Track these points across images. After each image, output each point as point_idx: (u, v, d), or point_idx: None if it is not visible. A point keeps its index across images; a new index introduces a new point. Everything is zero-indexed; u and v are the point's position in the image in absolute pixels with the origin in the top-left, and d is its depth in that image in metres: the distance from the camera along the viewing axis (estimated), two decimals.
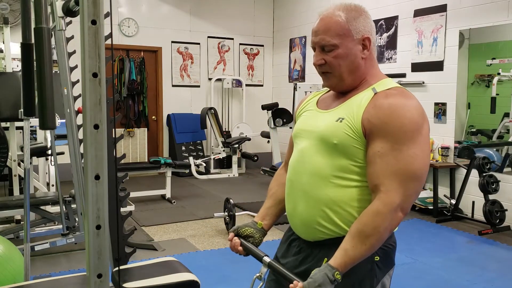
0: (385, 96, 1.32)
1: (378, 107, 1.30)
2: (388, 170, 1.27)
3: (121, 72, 7.60)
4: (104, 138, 0.96)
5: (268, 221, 1.59)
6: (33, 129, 5.03)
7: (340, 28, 1.36)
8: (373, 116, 1.30)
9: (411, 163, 1.27)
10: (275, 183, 1.66)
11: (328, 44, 1.36)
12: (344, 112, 1.36)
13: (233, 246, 1.53)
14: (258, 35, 8.60)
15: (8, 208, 3.94)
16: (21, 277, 2.72)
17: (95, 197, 0.96)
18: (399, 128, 1.27)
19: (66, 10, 2.40)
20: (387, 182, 1.26)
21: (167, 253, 4.04)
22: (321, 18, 1.39)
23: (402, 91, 1.35)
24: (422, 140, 1.29)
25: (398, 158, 1.26)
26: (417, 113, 1.29)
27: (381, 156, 1.28)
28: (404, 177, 1.26)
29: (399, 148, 1.26)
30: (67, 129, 2.88)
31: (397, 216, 1.27)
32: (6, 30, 4.94)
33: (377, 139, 1.29)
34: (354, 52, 1.38)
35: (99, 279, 0.99)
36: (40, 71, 1.83)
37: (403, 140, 1.27)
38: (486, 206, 4.72)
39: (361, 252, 1.27)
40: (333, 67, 1.38)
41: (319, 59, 1.39)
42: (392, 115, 1.28)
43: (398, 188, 1.26)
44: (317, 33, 1.39)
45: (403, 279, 3.54)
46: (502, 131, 5.25)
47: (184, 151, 7.86)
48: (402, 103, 1.30)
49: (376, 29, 6.32)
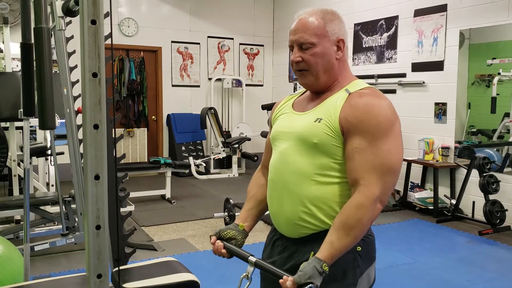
0: (359, 96, 1.40)
1: (354, 106, 1.38)
2: (366, 165, 1.34)
3: (121, 72, 7.60)
4: (104, 138, 0.96)
5: (250, 222, 1.62)
6: (33, 129, 5.02)
7: (318, 28, 1.43)
8: (350, 115, 1.37)
9: (388, 157, 1.36)
10: (254, 185, 1.70)
11: (306, 42, 1.43)
12: (321, 113, 1.43)
13: (216, 249, 1.55)
14: (258, 35, 8.60)
15: (8, 208, 3.94)
16: (21, 277, 2.71)
17: (95, 197, 0.96)
18: (375, 125, 1.35)
19: (65, 10, 2.40)
20: (367, 176, 1.34)
21: (167, 253, 4.03)
22: (300, 19, 1.46)
23: (374, 91, 1.43)
24: (395, 136, 1.38)
25: (375, 153, 1.34)
26: (390, 111, 1.39)
27: (359, 152, 1.35)
28: (382, 171, 1.35)
29: (376, 144, 1.35)
30: (67, 129, 2.87)
31: (377, 207, 1.34)
32: (5, 30, 4.94)
33: (355, 136, 1.36)
34: (330, 52, 1.45)
35: (99, 279, 0.99)
36: (40, 71, 1.83)
37: (379, 136, 1.35)
38: (487, 206, 4.72)
39: (346, 244, 1.33)
40: (310, 65, 1.44)
41: (297, 56, 1.45)
42: (368, 114, 1.36)
43: (377, 181, 1.33)
44: (296, 32, 1.45)
45: (403, 279, 3.54)
46: (502, 131, 5.25)
47: (184, 151, 7.85)
48: (376, 102, 1.38)
49: (376, 29, 6.35)
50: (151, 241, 4.39)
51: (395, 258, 3.98)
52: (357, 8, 6.68)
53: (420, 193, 5.52)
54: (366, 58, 6.56)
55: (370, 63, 6.50)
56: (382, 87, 6.29)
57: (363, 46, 6.59)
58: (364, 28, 6.56)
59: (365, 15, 6.55)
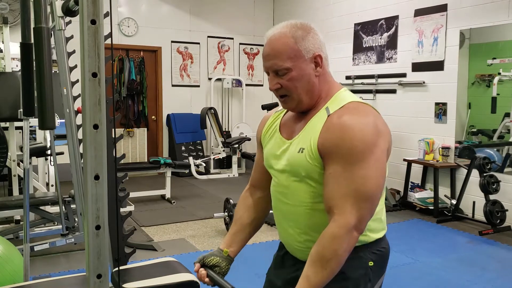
0: (337, 117, 1.32)
1: (331, 130, 1.31)
2: (340, 191, 1.27)
3: (120, 72, 7.60)
4: (104, 138, 0.96)
5: (235, 248, 1.57)
6: (33, 129, 5.02)
7: (290, 50, 1.34)
8: (326, 140, 1.31)
9: (363, 184, 1.27)
10: (241, 207, 1.64)
11: (281, 68, 1.35)
12: (303, 141, 1.37)
13: (199, 277, 1.53)
14: (258, 35, 8.59)
15: (8, 208, 3.93)
16: (21, 277, 2.71)
17: (95, 197, 0.96)
18: (349, 149, 1.27)
19: (65, 9, 2.39)
20: (341, 203, 1.27)
21: (166, 253, 4.03)
22: (270, 42, 1.37)
23: (355, 108, 1.33)
24: (374, 160, 1.28)
25: (349, 179, 1.27)
26: (370, 132, 1.28)
27: (333, 178, 1.29)
28: (357, 198, 1.26)
29: (350, 169, 1.27)
30: (67, 129, 2.87)
31: (352, 236, 1.27)
32: (5, 30, 4.93)
33: (330, 161, 1.30)
34: (308, 72, 1.37)
35: (98, 280, 0.99)
36: (40, 71, 1.82)
37: (354, 161, 1.27)
38: (487, 206, 4.72)
39: (323, 277, 1.28)
40: (289, 90, 1.37)
41: (275, 83, 1.37)
42: (343, 137, 1.28)
43: (351, 210, 1.26)
44: (268, 58, 1.37)
45: (403, 279, 3.53)
46: (502, 131, 5.25)
47: (184, 151, 7.85)
48: (353, 123, 1.28)
49: (376, 29, 6.35)
50: (151, 241, 4.39)
51: (395, 258, 3.97)
52: (357, 8, 6.67)
53: (420, 193, 5.52)
54: (366, 58, 6.56)
55: (370, 63, 6.50)
56: (382, 87, 6.29)
57: (363, 46, 6.59)
58: (364, 28, 6.56)
59: (365, 15, 6.54)
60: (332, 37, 7.12)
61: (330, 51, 7.12)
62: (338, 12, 7.03)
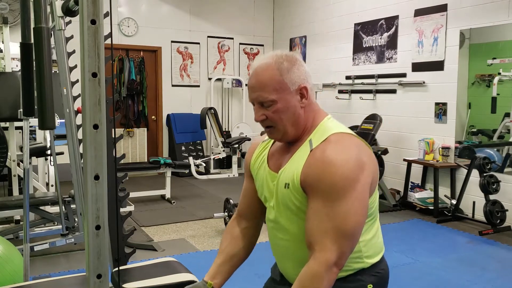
0: (320, 152, 1.31)
1: (313, 165, 1.31)
2: (321, 228, 1.27)
3: (120, 72, 7.60)
4: (104, 138, 0.96)
5: (219, 279, 1.55)
6: (33, 129, 5.02)
7: (275, 82, 1.34)
8: (308, 176, 1.31)
9: (344, 221, 1.26)
10: (227, 237, 1.63)
11: (266, 100, 1.35)
12: (288, 176, 1.37)
13: None
14: (258, 35, 8.59)
15: (8, 208, 3.93)
16: (21, 277, 2.71)
17: (95, 197, 0.96)
18: (330, 185, 1.26)
19: (65, 9, 2.39)
20: (321, 240, 1.27)
21: (166, 253, 4.03)
22: (255, 73, 1.37)
23: (338, 141, 1.33)
24: (355, 196, 1.27)
25: (330, 216, 1.26)
26: (351, 167, 1.27)
27: (314, 213, 1.29)
28: (337, 235, 1.26)
29: (331, 205, 1.26)
30: (67, 129, 2.87)
31: (332, 272, 1.27)
32: (5, 29, 4.93)
33: (312, 196, 1.30)
34: (293, 104, 1.37)
35: (98, 280, 0.99)
36: (40, 71, 1.82)
37: (335, 197, 1.26)
38: (487, 206, 4.72)
39: None
40: (275, 122, 1.37)
41: (260, 115, 1.38)
42: (324, 173, 1.27)
43: (331, 246, 1.26)
44: (254, 90, 1.37)
45: (403, 279, 3.53)
46: (502, 131, 5.25)
47: (184, 151, 7.85)
48: (335, 158, 1.28)
49: (376, 28, 6.35)
50: (151, 241, 4.39)
51: (395, 258, 3.97)
52: (357, 8, 6.67)
53: (420, 193, 5.52)
54: (366, 58, 6.56)
55: (370, 63, 6.50)
56: (382, 87, 6.29)
57: (363, 46, 6.59)
58: (364, 28, 6.56)
59: (365, 15, 6.54)
60: (332, 37, 7.12)
61: (330, 51, 7.16)
62: (338, 12, 7.03)
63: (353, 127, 6.55)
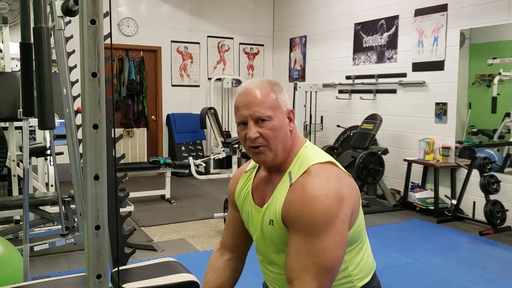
0: (300, 187, 1.30)
1: (292, 202, 1.30)
2: (301, 263, 1.27)
3: (120, 71, 7.59)
4: (103, 138, 0.95)
5: None
6: (32, 129, 5.02)
7: (271, 100, 1.35)
8: (288, 212, 1.30)
9: (323, 256, 1.26)
10: (211, 269, 1.61)
11: (263, 115, 1.33)
12: (271, 212, 1.36)
13: None
14: (258, 35, 8.59)
15: (7, 209, 3.93)
16: (20, 277, 2.71)
17: (95, 197, 0.96)
18: (309, 222, 1.25)
19: (65, 9, 2.39)
20: (300, 276, 1.26)
21: (166, 253, 4.03)
22: (250, 91, 1.36)
23: (317, 174, 1.31)
24: (335, 231, 1.26)
25: (310, 252, 1.26)
26: (330, 203, 1.26)
27: (294, 249, 1.29)
28: (317, 270, 1.26)
29: (311, 241, 1.26)
30: (66, 129, 2.86)
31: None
32: (5, 29, 4.93)
33: (292, 231, 1.30)
34: (285, 124, 1.38)
35: (98, 280, 0.99)
36: (39, 71, 1.82)
37: (314, 233, 1.25)
38: (487, 207, 4.71)
39: None
40: (269, 140, 1.34)
41: (255, 132, 1.34)
42: (303, 210, 1.26)
43: (311, 282, 1.25)
44: (250, 105, 1.34)
45: (403, 280, 3.53)
46: (503, 131, 5.24)
47: (183, 151, 7.85)
48: (314, 194, 1.26)
49: (377, 28, 6.34)
50: (151, 241, 4.39)
51: (395, 258, 3.97)
52: (357, 8, 6.67)
53: (420, 193, 5.52)
54: (366, 58, 6.55)
55: (370, 63, 6.50)
56: (382, 87, 6.29)
57: (363, 46, 6.59)
58: (365, 27, 6.56)
59: (365, 15, 6.54)
60: (332, 37, 7.11)
61: (330, 51, 7.16)
62: (338, 12, 7.03)
63: (353, 127, 6.56)
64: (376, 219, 5.20)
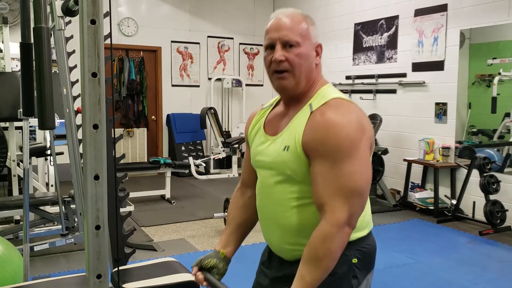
0: (320, 115, 1.31)
1: (315, 128, 1.30)
2: (330, 189, 1.27)
3: (120, 71, 7.60)
4: (104, 138, 0.95)
5: (231, 247, 1.58)
6: (32, 129, 5.02)
7: (302, 28, 1.37)
8: (311, 139, 1.30)
9: (352, 179, 1.27)
10: (233, 207, 1.65)
11: (292, 40, 1.34)
12: (288, 138, 1.36)
13: (197, 280, 1.53)
14: (258, 35, 8.59)
15: (7, 209, 3.93)
16: (20, 277, 2.71)
17: (95, 197, 0.96)
18: (336, 146, 1.26)
19: (65, 9, 2.39)
20: (331, 201, 1.26)
21: (166, 253, 4.03)
22: (281, 17, 1.38)
23: (338, 105, 1.33)
24: (360, 155, 1.28)
25: (338, 176, 1.27)
26: (354, 128, 1.28)
27: (322, 176, 1.28)
28: (347, 194, 1.26)
29: (338, 166, 1.27)
30: (66, 129, 2.86)
31: (345, 233, 1.27)
32: (5, 29, 4.93)
33: (317, 159, 1.29)
34: (312, 55, 1.39)
35: (98, 280, 0.99)
36: (40, 71, 1.82)
37: (341, 158, 1.26)
38: (487, 206, 4.72)
39: (318, 276, 1.28)
40: (294, 66, 1.35)
41: (281, 55, 1.34)
42: (328, 135, 1.27)
43: (342, 206, 1.26)
44: (279, 29, 1.36)
45: (403, 280, 3.53)
46: (503, 131, 5.24)
47: (183, 151, 7.85)
48: (337, 121, 1.28)
49: (377, 28, 6.34)
50: (151, 241, 4.39)
51: (395, 258, 3.97)
52: (357, 8, 6.67)
53: (420, 193, 5.52)
54: (366, 58, 6.56)
55: (370, 63, 6.50)
56: (382, 87, 6.29)
57: (363, 46, 6.59)
58: (365, 27, 6.56)
59: (365, 15, 6.54)
60: (332, 37, 7.11)
61: (330, 51, 7.15)
62: (338, 12, 7.03)
63: None
64: (376, 219, 5.16)
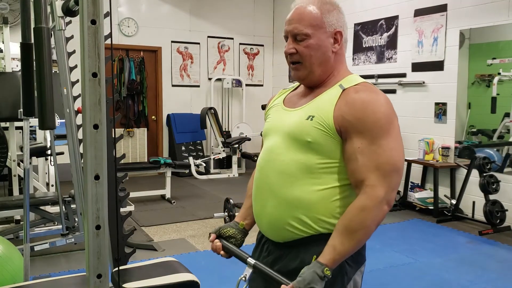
0: (355, 92, 1.33)
1: (351, 104, 1.31)
2: (370, 165, 1.28)
3: (120, 72, 7.60)
4: (104, 138, 0.96)
5: (249, 220, 1.58)
6: (33, 129, 5.02)
7: (314, 18, 1.37)
8: (347, 113, 1.30)
9: (391, 156, 1.29)
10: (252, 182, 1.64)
11: (300, 33, 1.37)
12: (313, 110, 1.35)
13: (215, 248, 1.52)
14: (258, 35, 8.59)
15: (8, 208, 3.93)
16: (21, 277, 2.71)
17: (95, 197, 0.96)
18: (374, 123, 1.28)
19: (65, 9, 2.39)
20: (371, 176, 1.27)
21: (167, 253, 4.03)
22: (296, 8, 1.40)
23: (370, 87, 1.36)
24: (396, 133, 1.32)
25: (378, 152, 1.28)
26: (389, 107, 1.32)
27: (361, 152, 1.28)
28: (387, 170, 1.28)
29: (378, 142, 1.28)
30: (67, 129, 2.87)
31: (383, 209, 1.28)
32: (5, 30, 4.93)
33: (354, 135, 1.29)
34: (326, 44, 1.38)
35: (98, 280, 0.99)
36: (40, 71, 1.82)
37: (380, 134, 1.28)
38: (487, 206, 4.72)
39: (349, 248, 1.29)
40: (304, 57, 1.38)
41: (291, 47, 1.39)
42: (366, 111, 1.29)
43: (382, 182, 1.27)
44: (291, 22, 1.39)
45: (403, 279, 3.53)
46: (502, 131, 5.25)
47: (184, 151, 7.85)
48: (373, 98, 1.31)
49: (376, 29, 6.34)
50: (151, 241, 4.39)
51: (395, 258, 3.97)
52: (357, 8, 6.67)
53: (420, 193, 5.52)
54: (366, 58, 6.56)
55: (370, 63, 6.50)
56: (382, 87, 6.29)
57: (363, 46, 6.59)
58: (364, 28, 6.56)
59: (365, 15, 6.54)
60: None
61: None
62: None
63: None
64: None
